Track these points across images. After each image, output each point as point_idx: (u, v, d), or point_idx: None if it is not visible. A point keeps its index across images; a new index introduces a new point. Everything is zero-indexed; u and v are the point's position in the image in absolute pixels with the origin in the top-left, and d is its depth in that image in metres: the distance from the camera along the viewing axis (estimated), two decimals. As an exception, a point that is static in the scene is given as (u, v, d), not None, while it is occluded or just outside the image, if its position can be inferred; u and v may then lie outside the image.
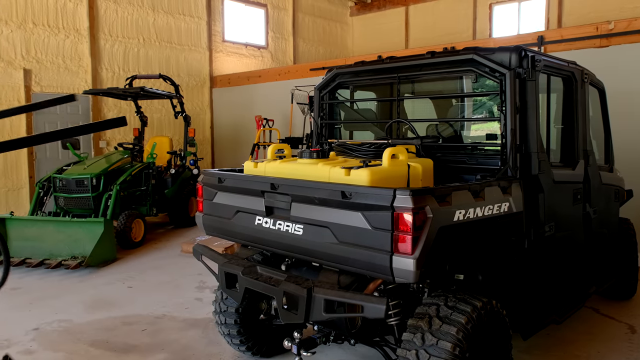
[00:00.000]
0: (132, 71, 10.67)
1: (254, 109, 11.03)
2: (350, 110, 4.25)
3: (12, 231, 6.49)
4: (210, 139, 12.44)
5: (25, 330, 4.22)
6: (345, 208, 2.49)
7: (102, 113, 10.49)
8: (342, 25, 15.87)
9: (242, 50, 13.09)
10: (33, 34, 9.37)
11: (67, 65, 9.83)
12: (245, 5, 13.13)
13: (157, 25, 11.21)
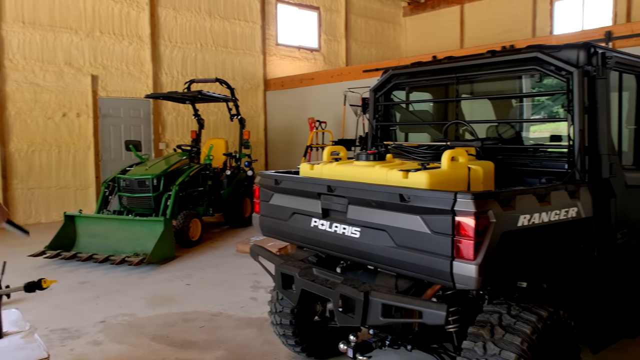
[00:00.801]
0: (190, 75, 11.03)
1: (307, 111, 11.12)
2: (406, 111, 4.20)
3: (81, 228, 6.87)
4: (263, 141, 12.65)
5: (93, 322, 4.44)
6: (403, 211, 2.46)
7: (162, 116, 10.90)
8: (395, 25, 15.73)
9: (295, 53, 13.23)
10: (100, 42, 9.86)
11: (130, 70, 10.28)
12: (298, 9, 13.27)
13: (214, 30, 11.53)
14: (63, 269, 6.22)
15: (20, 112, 9.15)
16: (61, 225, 6.92)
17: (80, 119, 9.78)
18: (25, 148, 9.24)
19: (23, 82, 9.13)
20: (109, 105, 10.12)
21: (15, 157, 9.16)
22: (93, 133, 9.91)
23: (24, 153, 9.24)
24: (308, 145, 9.74)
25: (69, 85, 9.60)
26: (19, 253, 6.56)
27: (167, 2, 10.74)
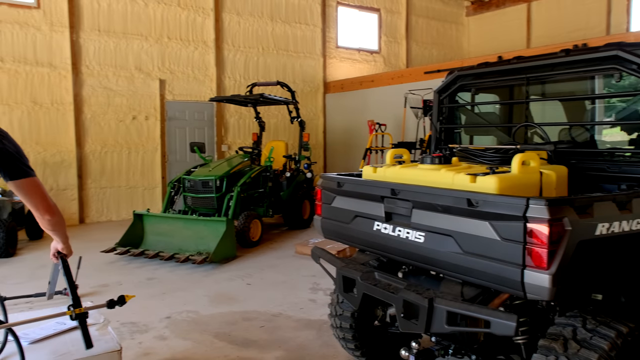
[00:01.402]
0: (252, 79, 11.27)
1: (367, 114, 11.07)
2: (472, 113, 4.07)
3: (148, 226, 7.17)
4: (322, 144, 12.72)
5: (159, 318, 4.62)
6: (471, 217, 2.38)
7: (224, 119, 11.21)
8: (457, 26, 15.37)
9: (355, 56, 13.22)
10: (167, 47, 10.29)
11: (196, 75, 10.65)
12: (358, 11, 13.25)
13: (275, 34, 11.73)
14: (132, 265, 6.52)
15: (95, 115, 9.69)
16: (130, 223, 7.26)
17: (149, 121, 10.24)
18: (98, 149, 9.78)
19: (98, 87, 9.67)
20: (175, 108, 10.53)
21: (90, 157, 9.71)
22: (160, 135, 10.35)
23: (97, 154, 9.78)
24: (367, 148, 9.69)
25: (139, 90, 10.07)
26: (92, 249, 6.94)
27: (231, 7, 11.05)
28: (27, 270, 6.31)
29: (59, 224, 2.43)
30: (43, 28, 9.11)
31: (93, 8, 9.55)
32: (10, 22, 8.84)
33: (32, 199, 2.25)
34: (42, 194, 2.28)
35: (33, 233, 8.04)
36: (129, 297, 2.98)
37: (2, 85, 8.85)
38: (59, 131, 9.35)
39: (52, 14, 9.16)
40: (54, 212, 2.35)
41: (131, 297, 3.01)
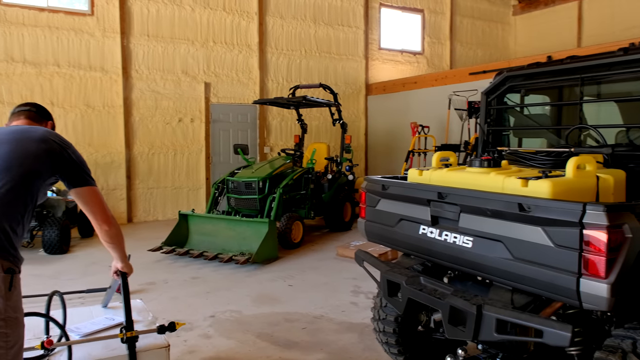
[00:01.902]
0: (295, 81, 11.35)
1: (409, 116, 10.94)
2: (521, 115, 3.95)
3: (193, 226, 7.34)
4: (364, 146, 12.66)
5: (203, 316, 4.70)
6: (522, 222, 2.30)
7: (267, 121, 11.34)
8: (504, 25, 14.98)
9: (398, 57, 13.10)
10: (213, 51, 10.50)
11: (239, 77, 10.83)
12: (401, 12, 13.13)
13: (318, 36, 11.77)
14: (177, 264, 6.68)
15: (143, 118, 10.00)
16: (176, 223, 7.45)
17: (194, 124, 10.47)
18: (146, 151, 10.08)
19: (146, 90, 9.98)
20: (219, 110, 10.73)
21: (138, 159, 10.02)
22: (205, 137, 10.57)
23: (145, 155, 10.08)
24: (410, 150, 9.57)
25: (185, 93, 10.33)
26: (140, 247, 7.15)
27: (274, 11, 11.17)
28: (80, 266, 6.56)
29: (116, 236, 2.47)
30: (96, 34, 9.48)
31: (143, 14, 9.87)
32: (67, 29, 9.25)
33: (91, 207, 2.32)
34: (101, 203, 2.35)
35: (85, 231, 8.36)
36: (180, 324, 3.02)
37: (58, 89, 9.26)
38: (109, 133, 9.70)
39: (105, 20, 9.53)
40: (111, 224, 2.40)
41: (182, 324, 3.05)
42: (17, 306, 1.93)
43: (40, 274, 6.13)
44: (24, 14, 8.93)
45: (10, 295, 1.90)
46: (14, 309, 1.90)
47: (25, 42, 8.97)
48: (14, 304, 1.91)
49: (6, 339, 1.84)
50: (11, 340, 1.86)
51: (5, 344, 1.84)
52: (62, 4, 9.34)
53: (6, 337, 1.84)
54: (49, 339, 2.52)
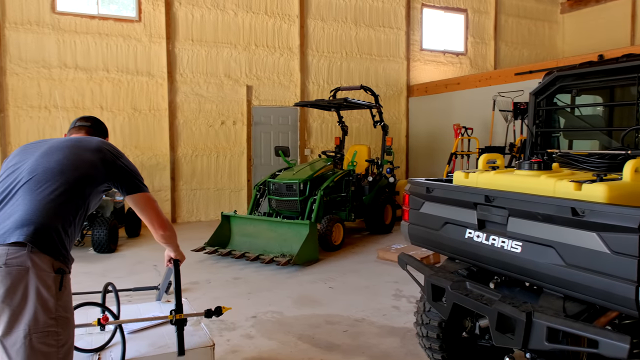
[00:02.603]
0: (336, 83, 11.36)
1: (452, 117, 10.75)
2: (572, 116, 3.81)
3: (235, 227, 7.44)
4: (405, 148, 12.53)
5: (245, 317, 4.76)
6: (575, 227, 2.21)
7: (307, 123, 11.39)
8: (551, 24, 14.52)
9: (440, 58, 12.91)
10: (255, 54, 10.65)
11: (281, 80, 10.93)
12: (444, 12, 12.93)
13: (359, 38, 11.75)
14: (219, 264, 6.79)
15: (187, 120, 10.24)
16: (218, 224, 7.57)
17: (236, 126, 10.64)
18: (190, 153, 10.32)
19: (190, 94, 10.21)
20: (261, 113, 10.86)
21: (182, 161, 10.27)
22: (246, 139, 10.72)
23: (188, 157, 10.32)
24: (452, 153, 9.40)
25: (228, 96, 10.51)
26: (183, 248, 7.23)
27: (316, 13, 11.22)
28: (127, 265, 6.77)
29: (171, 237, 2.59)
30: (143, 40, 9.78)
31: (187, 19, 10.12)
32: (116, 35, 9.59)
33: (147, 213, 2.41)
34: (155, 209, 2.43)
35: (131, 231, 8.62)
36: (226, 309, 3.09)
37: (107, 94, 9.61)
38: (155, 136, 9.98)
39: (151, 26, 9.82)
40: (167, 227, 2.50)
41: (228, 309, 3.12)
42: (67, 306, 2.00)
43: (90, 271, 6.36)
44: (76, 22, 9.31)
45: (61, 295, 1.96)
46: (64, 308, 1.97)
47: (77, 49, 9.36)
48: (64, 304, 1.97)
49: (57, 338, 1.90)
50: (62, 339, 1.93)
51: (57, 342, 1.90)
52: (112, 11, 9.68)
53: (57, 336, 1.91)
54: (104, 316, 2.66)
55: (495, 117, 9.44)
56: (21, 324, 1.84)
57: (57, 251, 1.98)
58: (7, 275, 1.85)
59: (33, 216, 1.96)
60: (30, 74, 9.04)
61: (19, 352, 1.82)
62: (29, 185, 2.06)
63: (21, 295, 1.85)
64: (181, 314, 2.78)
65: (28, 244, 1.90)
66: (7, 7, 8.84)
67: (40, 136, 9.10)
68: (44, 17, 9.08)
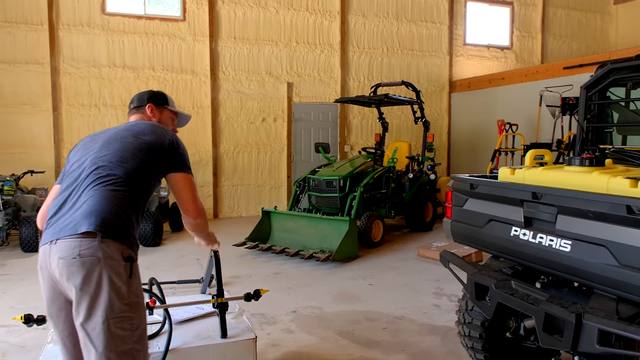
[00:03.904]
0: (376, 79, 11.28)
1: (496, 113, 10.49)
2: (627, 111, 3.64)
3: (275, 223, 7.51)
4: (446, 145, 12.32)
5: (285, 311, 4.80)
6: (630, 225, 2.11)
7: (347, 120, 11.36)
8: (603, 16, 13.91)
9: (484, 53, 12.61)
10: (296, 51, 10.70)
11: (321, 77, 10.94)
12: (489, 6, 12.61)
13: (400, 34, 11.61)
14: (260, 259, 6.87)
15: (229, 117, 10.41)
16: (258, 219, 7.67)
17: (277, 123, 10.73)
18: (231, 149, 10.48)
19: (232, 91, 10.37)
20: (301, 110, 10.91)
21: (224, 157, 10.45)
22: (287, 136, 10.80)
23: (230, 154, 10.49)
24: (496, 149, 9.16)
25: (268, 93, 10.61)
26: (225, 242, 7.44)
27: (357, 9, 11.17)
28: (171, 258, 6.96)
29: (201, 226, 2.51)
30: (187, 38, 10.00)
31: (230, 17, 10.27)
32: (161, 34, 9.84)
33: (182, 193, 2.36)
34: (192, 192, 2.38)
35: (175, 225, 8.85)
36: (264, 291, 3.15)
37: (152, 91, 9.87)
38: (198, 133, 10.19)
39: (195, 25, 10.02)
40: (199, 214, 2.42)
41: (265, 291, 3.18)
42: (138, 292, 2.09)
43: (136, 263, 6.57)
44: (124, 22, 9.61)
45: (132, 282, 2.06)
46: (135, 294, 2.07)
47: (125, 49, 9.66)
48: (135, 290, 2.07)
49: (131, 322, 2.02)
50: (135, 323, 2.04)
51: (131, 326, 2.02)
52: (158, 11, 9.94)
53: (131, 320, 2.02)
54: (152, 299, 2.76)
55: (541, 113, 9.14)
56: (99, 310, 1.96)
57: (125, 239, 2.08)
58: (82, 266, 1.97)
59: (100, 207, 2.06)
60: (82, 74, 9.40)
61: (99, 337, 1.96)
62: (92, 178, 2.14)
63: (96, 284, 1.97)
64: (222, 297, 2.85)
65: (98, 234, 1.99)
66: (61, 10, 9.22)
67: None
68: (94, 18, 9.42)
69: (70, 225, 2.03)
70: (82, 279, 1.96)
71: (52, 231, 2.08)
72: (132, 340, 2.02)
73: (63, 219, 2.07)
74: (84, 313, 1.96)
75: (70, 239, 2.00)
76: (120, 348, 1.98)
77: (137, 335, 2.04)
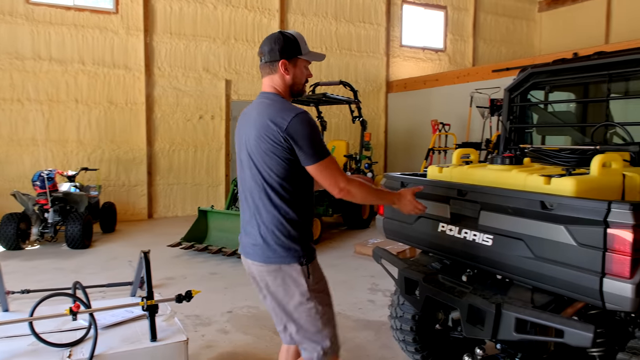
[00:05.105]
0: (315, 78, 11.31)
1: (430, 113, 10.84)
2: (545, 112, 3.87)
3: (212, 222, 7.39)
4: (384, 143, 12.59)
5: (221, 312, 4.73)
6: (544, 220, 2.25)
7: (287, 118, 11.33)
8: (529, 22, 14.73)
9: (419, 54, 12.99)
10: (234, 48, 10.56)
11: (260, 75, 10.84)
12: (424, 9, 13.01)
13: (339, 34, 11.74)
14: (196, 259, 6.73)
15: (165, 114, 10.11)
16: (195, 219, 7.51)
17: (214, 121, 10.55)
18: (167, 147, 10.20)
19: (168, 88, 10.08)
20: (239, 107, 10.78)
21: (159, 155, 10.14)
22: (225, 134, 10.64)
23: (166, 152, 10.20)
24: (430, 148, 9.48)
25: (206, 90, 10.41)
26: (159, 243, 7.24)
27: (296, 8, 11.18)
28: (101, 261, 6.67)
29: (360, 198, 2.36)
30: (120, 32, 9.61)
31: (166, 12, 9.97)
32: (92, 27, 9.40)
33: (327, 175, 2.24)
34: (330, 174, 2.25)
35: (107, 226, 8.49)
36: (196, 292, 3.09)
37: (82, 87, 9.42)
38: (131, 130, 9.83)
39: (129, 18, 9.65)
40: (342, 188, 2.27)
41: (197, 292, 3.11)
42: (319, 285, 2.40)
43: (63, 267, 6.25)
44: (50, 13, 9.10)
45: (312, 279, 2.35)
46: (316, 289, 2.35)
47: (51, 40, 9.15)
48: (316, 284, 2.36)
49: (317, 309, 2.31)
50: (321, 309, 2.32)
51: (316, 312, 2.31)
52: (88, 2, 9.49)
53: (317, 307, 2.31)
54: (76, 304, 2.63)
55: (472, 114, 9.55)
56: (290, 305, 2.29)
57: (293, 251, 2.31)
58: (270, 273, 2.30)
59: (259, 231, 2.31)
60: (3, 66, 8.81)
61: (295, 324, 2.32)
62: (246, 195, 2.38)
63: (283, 286, 2.28)
64: (152, 300, 2.77)
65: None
66: (-22, -4, 8.61)
67: (12, 129, 8.90)
68: (17, 7, 8.85)
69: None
70: (272, 281, 2.36)
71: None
72: (322, 322, 2.36)
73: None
74: (274, 307, 2.43)
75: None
76: None
77: (325, 319, 2.36)
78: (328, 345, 2.34)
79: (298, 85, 2.39)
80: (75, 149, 9.40)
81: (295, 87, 2.39)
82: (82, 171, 8.65)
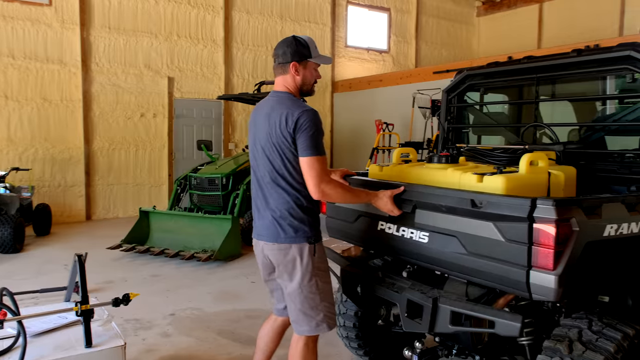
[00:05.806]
0: (260, 77, 11.26)
1: (374, 113, 11.03)
2: (480, 113, 4.04)
3: (154, 223, 7.19)
4: (329, 143, 12.70)
5: (163, 315, 4.62)
6: (475, 217, 2.35)
7: (232, 117, 11.22)
8: (468, 26, 15.28)
9: (364, 55, 13.19)
10: (177, 45, 10.32)
11: (204, 73, 10.67)
12: (368, 10, 13.22)
13: (285, 33, 11.72)
14: (137, 261, 6.54)
15: (104, 112, 9.74)
16: (136, 220, 7.28)
17: (157, 119, 10.27)
18: (106, 146, 9.83)
19: (107, 84, 9.72)
20: (183, 106, 10.56)
21: (98, 155, 9.76)
22: (168, 133, 10.38)
23: (105, 151, 9.82)
24: (374, 148, 9.66)
25: (147, 87, 10.11)
26: (98, 245, 6.97)
27: (241, 6, 11.06)
28: (34, 266, 6.34)
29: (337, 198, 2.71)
30: (54, 25, 9.17)
31: (104, 5, 9.60)
32: (22, 19, 8.91)
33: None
34: (320, 173, 2.57)
35: (41, 229, 8.09)
36: (134, 295, 3.00)
37: (12, 82, 8.91)
38: (67, 128, 9.40)
39: (64, 11, 9.22)
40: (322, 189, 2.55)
41: (135, 295, 3.02)
42: (320, 264, 2.61)
43: (-8, 273, 5.90)
44: (-24, 2, 8.55)
45: (316, 258, 2.56)
46: (319, 267, 2.59)
47: (-23, 32, 8.60)
48: (318, 263, 2.59)
49: (317, 286, 2.57)
50: (320, 287, 2.58)
51: (317, 289, 2.57)
52: (18, -8, 8.98)
53: (317, 284, 2.57)
54: (2, 311, 2.49)
55: (414, 114, 9.80)
56: (295, 281, 2.55)
57: (302, 232, 2.53)
58: (279, 251, 2.57)
59: (272, 215, 2.57)
60: None
61: (297, 298, 2.58)
62: (260, 184, 2.63)
63: (292, 262, 2.53)
64: (87, 304, 2.66)
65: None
66: None
67: None
68: (-63, -5, 8.26)
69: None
70: (282, 258, 2.64)
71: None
72: (320, 298, 2.64)
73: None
74: (286, 283, 2.69)
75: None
76: None
77: (322, 295, 2.64)
78: (321, 318, 2.61)
79: (307, 86, 2.69)
80: (5, 148, 8.88)
81: (305, 88, 2.68)
82: (13, 171, 8.18)
